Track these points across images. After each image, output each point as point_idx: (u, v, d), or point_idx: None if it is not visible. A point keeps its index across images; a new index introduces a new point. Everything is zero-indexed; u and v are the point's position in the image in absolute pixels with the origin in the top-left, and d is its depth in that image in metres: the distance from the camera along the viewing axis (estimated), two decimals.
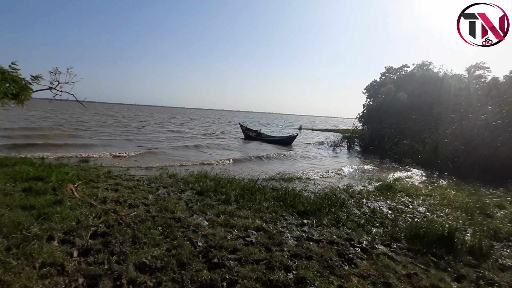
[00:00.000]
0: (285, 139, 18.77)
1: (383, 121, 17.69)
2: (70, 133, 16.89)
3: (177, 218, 3.77)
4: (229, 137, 21.46)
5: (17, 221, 3.04)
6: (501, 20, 4.74)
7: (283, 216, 4.26)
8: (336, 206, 4.78)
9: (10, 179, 4.80)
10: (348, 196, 5.81)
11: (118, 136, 16.82)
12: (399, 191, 6.56)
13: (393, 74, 25.45)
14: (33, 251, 2.54)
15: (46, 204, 3.72)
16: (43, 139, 12.75)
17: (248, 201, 4.83)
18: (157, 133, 20.98)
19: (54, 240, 2.85)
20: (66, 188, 4.51)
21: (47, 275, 2.27)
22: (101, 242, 2.92)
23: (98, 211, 3.73)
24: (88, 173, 5.97)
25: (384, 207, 5.22)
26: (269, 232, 3.54)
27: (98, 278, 2.30)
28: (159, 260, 2.64)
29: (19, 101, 5.70)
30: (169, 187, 5.53)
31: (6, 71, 5.06)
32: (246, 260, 2.78)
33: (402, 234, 3.82)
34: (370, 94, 24.50)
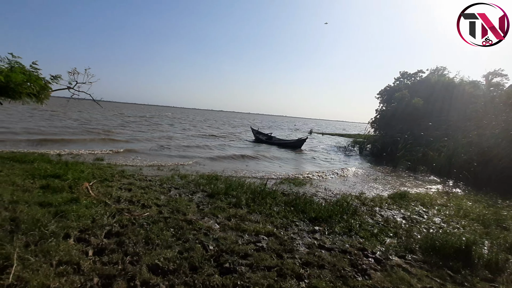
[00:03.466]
0: (295, 142, 18.69)
1: (397, 127, 17.34)
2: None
3: (189, 220, 3.79)
4: (243, 140, 21.41)
5: (36, 218, 3.12)
6: (501, 20, 4.72)
7: (294, 222, 4.22)
8: (348, 214, 4.70)
9: (29, 176, 4.95)
10: (360, 203, 5.71)
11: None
12: (413, 200, 6.41)
13: (408, 79, 24.91)
14: (50, 248, 2.60)
15: (62, 201, 3.82)
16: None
17: (259, 205, 4.81)
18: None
19: (70, 238, 2.91)
20: (81, 186, 4.62)
21: (64, 273, 2.31)
22: (115, 242, 2.97)
23: (112, 210, 3.79)
24: (103, 171, 6.10)
25: (397, 216, 5.10)
26: (280, 238, 3.52)
27: (112, 278, 2.33)
28: (172, 263, 2.66)
29: (39, 100, 5.86)
30: (180, 189, 5.58)
31: (29, 71, 5.23)
32: (258, 266, 2.76)
33: (417, 245, 3.72)
34: (384, 99, 24.03)
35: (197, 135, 21.29)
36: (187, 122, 37.95)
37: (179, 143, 15.01)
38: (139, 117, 40.68)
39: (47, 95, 6.01)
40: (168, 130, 23.70)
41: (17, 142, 10.78)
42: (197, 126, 33.14)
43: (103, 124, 23.02)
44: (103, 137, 14.60)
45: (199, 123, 39.67)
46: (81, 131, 16.79)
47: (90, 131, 17.34)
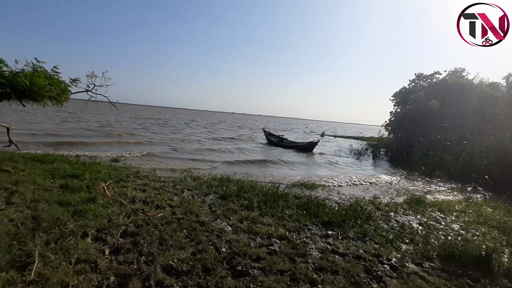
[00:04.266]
0: (306, 145, 18.54)
1: (412, 130, 16.90)
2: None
3: (201, 222, 3.83)
4: (255, 142, 21.39)
5: (56, 217, 3.23)
6: (501, 20, 4.70)
7: (306, 225, 4.18)
8: (362, 219, 4.61)
9: (49, 176, 5.13)
10: (375, 208, 5.59)
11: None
12: (429, 206, 6.23)
13: (424, 81, 24.29)
14: (69, 246, 2.68)
15: (80, 201, 3.94)
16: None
17: (271, 208, 4.80)
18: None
19: (88, 237, 3.00)
20: (98, 186, 4.75)
21: (82, 271, 2.38)
22: (131, 241, 3.03)
23: (127, 210, 3.88)
24: (118, 172, 6.25)
25: (414, 222, 4.96)
26: (293, 242, 3.49)
27: (128, 278, 2.38)
28: (185, 264, 2.69)
29: (58, 102, 6.08)
30: (193, 190, 5.64)
31: (50, 75, 5.44)
32: (270, 270, 2.75)
33: (434, 253, 3.60)
34: (398, 101, 23.50)
35: (213, 138, 21.30)
36: (201, 125, 38.36)
37: (198, 147, 14.98)
38: (155, 119, 41.49)
39: (66, 98, 6.23)
40: (185, 132, 23.95)
41: (39, 143, 11.18)
42: (211, 128, 33.41)
43: (124, 127, 23.51)
44: (123, 140, 14.79)
45: (212, 125, 40.03)
46: (102, 133, 17.16)
47: (109, 133, 17.73)
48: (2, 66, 4.78)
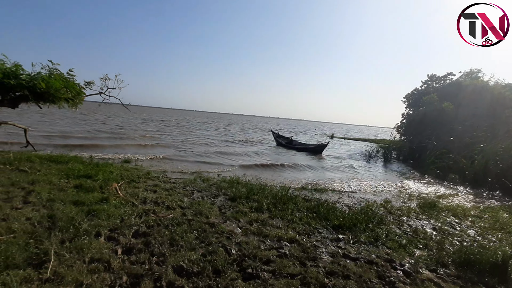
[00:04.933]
0: (315, 147, 18.39)
1: (425, 133, 16.54)
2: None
3: (211, 223, 3.84)
4: (265, 144, 21.23)
5: (70, 216, 3.31)
6: (501, 20, 4.66)
7: (316, 229, 4.14)
8: (374, 223, 4.53)
9: (64, 176, 5.27)
10: (386, 212, 5.49)
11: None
12: (443, 210, 6.07)
13: (437, 83, 23.78)
14: (84, 246, 2.74)
15: (94, 201, 4.02)
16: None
17: (281, 210, 4.78)
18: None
19: (101, 236, 3.06)
20: (111, 187, 4.84)
21: (95, 270, 2.42)
22: (142, 242, 3.07)
23: (139, 211, 3.94)
24: (130, 173, 6.35)
25: (427, 227, 4.85)
26: (303, 245, 3.46)
27: (140, 278, 2.41)
28: (195, 265, 2.70)
29: (74, 104, 6.25)
30: (203, 191, 5.67)
31: (66, 78, 5.60)
32: (280, 273, 2.73)
33: (449, 259, 3.51)
34: (410, 103, 23.08)
35: (224, 140, 21.03)
36: (212, 127, 38.48)
37: (207, 150, 14.74)
38: (166, 121, 41.91)
39: (81, 100, 6.40)
40: (195, 134, 23.89)
41: (57, 145, 11.41)
42: (221, 130, 33.36)
43: (138, 129, 23.60)
44: (136, 143, 14.66)
45: (222, 127, 40.14)
46: (116, 135, 17.26)
47: (123, 135, 17.85)
48: (19, 70, 4.95)
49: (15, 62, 4.92)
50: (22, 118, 19.46)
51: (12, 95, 5.09)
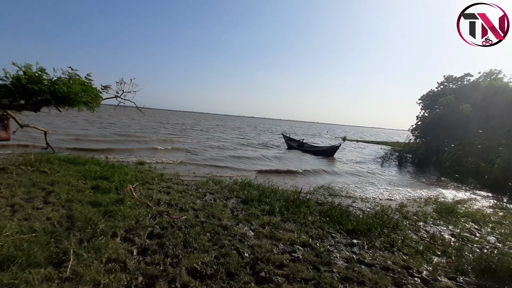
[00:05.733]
0: (327, 149, 18.19)
1: (441, 135, 16.06)
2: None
3: (224, 226, 3.85)
4: (277, 147, 20.99)
5: (88, 217, 3.40)
6: (501, 20, 4.68)
7: (330, 233, 4.07)
8: (389, 228, 4.42)
9: (82, 177, 5.43)
10: (402, 217, 5.35)
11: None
12: (462, 216, 5.86)
13: (453, 84, 23.08)
14: (101, 246, 2.80)
15: (110, 202, 4.12)
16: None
17: (293, 213, 4.74)
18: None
19: (117, 237, 3.12)
20: (126, 188, 4.95)
21: (112, 270, 2.47)
22: (157, 243, 3.11)
23: (153, 212, 4.00)
24: (144, 175, 6.48)
25: (445, 233, 4.69)
26: (316, 250, 3.41)
27: (155, 279, 2.44)
28: (209, 267, 2.71)
29: (91, 108, 6.45)
30: (215, 194, 5.71)
31: (84, 82, 5.80)
32: (294, 277, 2.70)
33: (469, 266, 3.37)
34: (426, 105, 22.46)
35: (238, 143, 20.76)
36: (224, 129, 38.71)
37: (220, 153, 14.37)
38: (181, 123, 42.37)
39: (98, 103, 6.59)
40: (211, 138, 23.69)
41: (75, 148, 11.72)
42: (235, 133, 33.37)
43: (155, 132, 23.63)
44: (153, 146, 14.48)
45: (235, 129, 40.26)
46: (134, 139, 17.20)
47: (139, 137, 18.02)
48: (42, 74, 5.16)
49: (40, 67, 5.14)
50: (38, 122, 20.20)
51: (35, 99, 5.31)
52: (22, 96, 5.16)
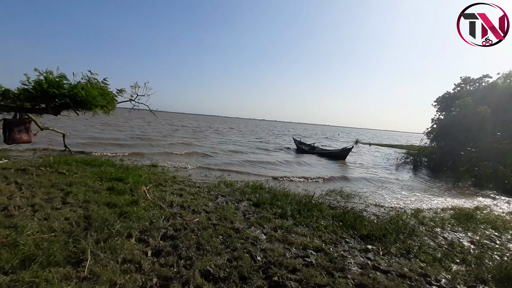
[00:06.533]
0: (338, 152, 17.92)
1: (458, 138, 15.56)
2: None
3: (236, 229, 3.86)
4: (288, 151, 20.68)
5: (104, 217, 3.49)
6: (501, 20, 4.70)
7: (343, 238, 4.01)
8: (405, 234, 4.31)
9: (98, 178, 5.58)
10: (418, 223, 5.20)
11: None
12: (481, 222, 5.64)
13: (471, 85, 22.35)
14: (116, 246, 2.86)
15: (125, 203, 4.21)
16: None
17: (305, 217, 4.69)
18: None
19: (132, 238, 3.18)
20: (140, 190, 5.04)
21: (128, 271, 2.52)
22: (170, 244, 3.15)
23: (166, 214, 4.05)
24: (157, 177, 6.58)
25: (464, 240, 4.52)
26: (330, 255, 3.36)
27: (169, 280, 2.46)
28: (222, 270, 2.72)
29: (106, 111, 6.62)
30: (227, 196, 5.73)
31: (101, 86, 5.97)
32: (307, 283, 2.67)
33: (489, 275, 3.25)
34: (442, 107, 21.83)
35: (253, 147, 20.33)
36: (239, 132, 38.64)
37: (241, 157, 14.06)
38: (195, 126, 42.32)
39: (113, 107, 6.76)
40: (225, 141, 23.42)
41: (89, 151, 11.97)
42: (248, 136, 33.10)
43: (170, 135, 23.56)
44: (170, 151, 14.08)
45: (251, 133, 40.09)
46: (151, 142, 17.18)
47: (154, 140, 18.09)
48: (63, 80, 5.36)
49: (61, 73, 5.35)
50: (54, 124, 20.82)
51: (55, 103, 5.52)
52: (44, 100, 5.37)
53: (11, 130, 5.72)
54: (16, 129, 5.78)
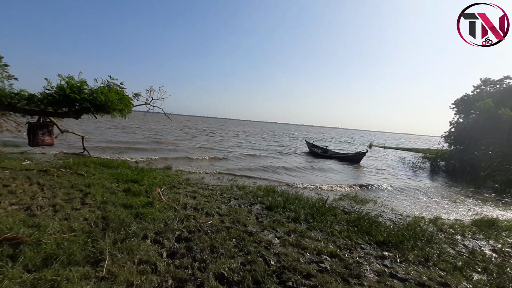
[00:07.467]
0: (353, 156, 17.63)
1: (478, 142, 14.98)
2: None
3: (249, 232, 3.85)
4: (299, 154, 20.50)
5: (121, 218, 3.57)
6: (501, 20, 4.69)
7: (359, 244, 3.93)
8: (423, 241, 4.18)
9: (115, 180, 5.72)
10: (437, 229, 5.02)
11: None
12: (504, 230, 5.40)
13: (491, 87, 21.51)
14: (133, 247, 2.92)
15: (141, 204, 4.29)
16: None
17: (319, 222, 4.63)
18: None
19: (147, 239, 3.23)
20: (155, 192, 5.14)
21: (144, 272, 2.56)
22: (185, 246, 3.18)
23: (180, 216, 4.10)
24: (171, 179, 6.69)
25: (486, 248, 4.33)
26: (345, 261, 3.30)
27: (184, 282, 2.48)
28: (236, 274, 2.72)
29: (122, 114, 6.81)
30: (239, 199, 5.74)
31: (118, 90, 6.16)
32: None
33: (511, 284, 3.10)
34: (460, 110, 21.11)
35: (275, 151, 20.04)
36: (252, 135, 38.64)
37: (257, 162, 13.98)
38: (209, 130, 42.30)
39: (130, 110, 6.95)
40: (241, 145, 22.88)
41: (108, 154, 12.38)
42: (264, 139, 32.97)
43: (186, 139, 23.33)
44: (190, 156, 13.67)
45: (268, 136, 39.92)
46: (168, 147, 17.10)
47: (172, 144, 18.26)
48: (83, 85, 5.57)
49: (82, 79, 5.58)
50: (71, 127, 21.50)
51: (76, 107, 5.75)
52: (65, 104, 5.60)
53: (35, 133, 5.97)
54: (40, 132, 6.03)
